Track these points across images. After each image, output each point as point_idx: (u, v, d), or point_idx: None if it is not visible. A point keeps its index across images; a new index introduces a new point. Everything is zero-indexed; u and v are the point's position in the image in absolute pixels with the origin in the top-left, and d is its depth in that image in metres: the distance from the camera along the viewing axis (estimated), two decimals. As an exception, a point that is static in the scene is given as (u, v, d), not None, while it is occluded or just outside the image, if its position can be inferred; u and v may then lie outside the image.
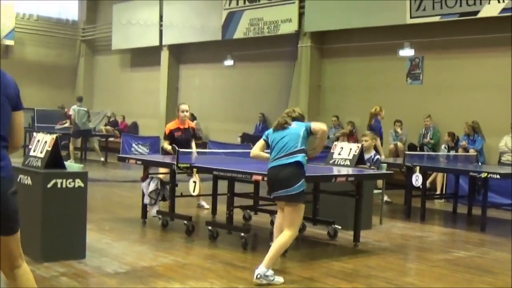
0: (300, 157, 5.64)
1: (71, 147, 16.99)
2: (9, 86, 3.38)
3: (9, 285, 3.50)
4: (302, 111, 6.16)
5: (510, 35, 12.78)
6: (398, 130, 14.53)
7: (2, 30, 22.94)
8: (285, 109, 6.18)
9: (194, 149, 9.36)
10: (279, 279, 5.52)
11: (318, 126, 5.90)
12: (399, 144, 14.24)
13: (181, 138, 9.20)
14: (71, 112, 17.10)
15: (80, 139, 17.88)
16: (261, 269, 5.45)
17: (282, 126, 5.81)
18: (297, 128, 5.79)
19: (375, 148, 10.41)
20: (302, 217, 5.84)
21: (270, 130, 5.99)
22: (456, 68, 14.35)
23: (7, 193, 3.22)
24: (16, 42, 24.53)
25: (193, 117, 18.99)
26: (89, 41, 26.34)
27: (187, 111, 9.43)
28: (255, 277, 5.45)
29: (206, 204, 9.49)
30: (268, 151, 5.98)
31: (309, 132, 5.78)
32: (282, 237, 5.61)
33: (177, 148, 7.58)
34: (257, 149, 6.06)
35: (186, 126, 9.42)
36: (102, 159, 17.21)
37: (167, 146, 9.16)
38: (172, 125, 9.48)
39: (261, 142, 6.03)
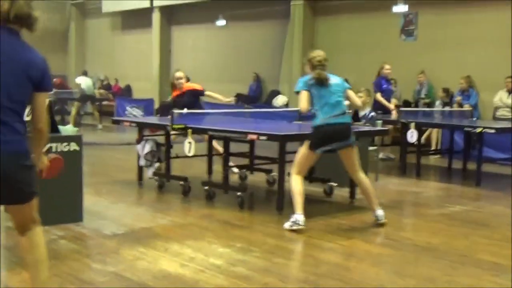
0: (349, 116, 6.48)
1: (73, 112, 17.13)
2: (33, 64, 3.29)
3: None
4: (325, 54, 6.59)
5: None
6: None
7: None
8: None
9: (215, 95, 9.62)
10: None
11: (352, 97, 6.59)
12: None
13: (183, 102, 9.17)
14: (78, 81, 17.58)
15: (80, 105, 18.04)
16: (379, 212, 6.32)
17: (327, 82, 6.28)
18: (339, 85, 6.43)
19: (376, 105, 10.40)
20: None
21: (309, 82, 6.28)
22: (450, 23, 14.21)
23: (9, 166, 3.20)
24: (4, 7, 24.17)
25: (187, 79, 18.85)
26: (79, 4, 25.93)
27: (181, 78, 9.60)
28: (382, 220, 6.28)
29: (236, 169, 8.80)
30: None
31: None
32: (366, 180, 6.40)
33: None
34: (306, 103, 6.24)
35: (184, 91, 9.47)
36: (100, 126, 17.17)
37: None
38: (173, 94, 9.66)
39: (306, 95, 6.25)
